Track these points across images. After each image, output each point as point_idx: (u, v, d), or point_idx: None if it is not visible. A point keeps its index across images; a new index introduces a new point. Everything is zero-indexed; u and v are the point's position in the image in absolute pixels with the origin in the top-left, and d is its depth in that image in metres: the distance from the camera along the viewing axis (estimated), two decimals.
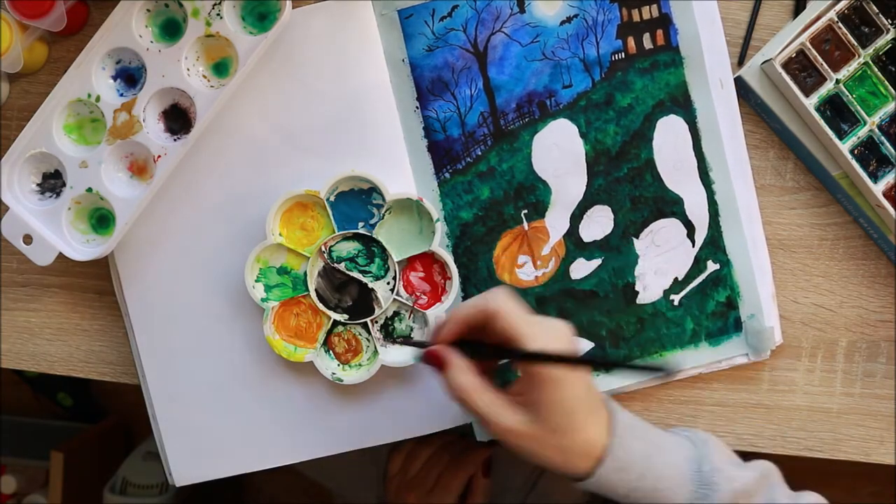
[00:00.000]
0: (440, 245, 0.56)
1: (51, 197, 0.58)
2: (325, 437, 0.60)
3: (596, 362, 0.48)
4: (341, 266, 0.57)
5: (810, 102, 0.55)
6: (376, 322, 0.58)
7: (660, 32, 0.57)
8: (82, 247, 0.57)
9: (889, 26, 0.55)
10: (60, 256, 0.56)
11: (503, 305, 0.47)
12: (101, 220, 0.58)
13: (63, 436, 1.20)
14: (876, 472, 0.65)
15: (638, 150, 0.57)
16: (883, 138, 0.56)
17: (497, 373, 0.52)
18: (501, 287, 0.51)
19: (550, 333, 0.47)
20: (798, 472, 0.54)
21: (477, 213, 0.58)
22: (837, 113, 0.56)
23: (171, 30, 0.56)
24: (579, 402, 0.47)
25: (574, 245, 0.58)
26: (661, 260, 0.58)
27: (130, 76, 0.57)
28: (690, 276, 0.58)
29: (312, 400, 0.59)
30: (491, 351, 0.49)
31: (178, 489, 1.12)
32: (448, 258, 0.56)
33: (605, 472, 0.48)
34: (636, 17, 0.56)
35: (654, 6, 0.56)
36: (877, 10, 0.55)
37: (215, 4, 0.54)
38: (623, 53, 0.57)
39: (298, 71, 0.57)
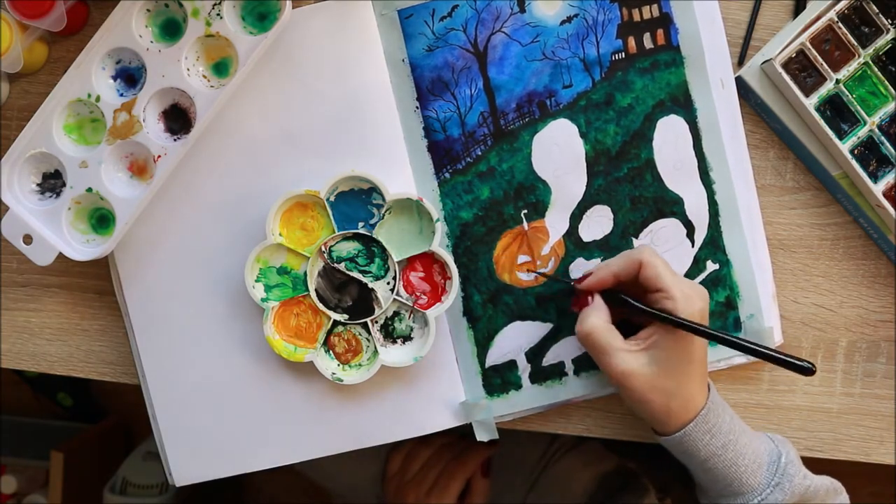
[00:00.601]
0: (440, 245, 0.56)
1: (51, 197, 0.58)
2: (325, 437, 0.60)
3: (728, 342, 0.50)
4: (341, 266, 0.57)
5: (810, 102, 0.55)
6: (376, 322, 0.58)
7: (660, 32, 0.57)
8: (82, 247, 0.57)
9: (889, 26, 0.55)
10: (60, 256, 0.56)
11: (651, 258, 0.52)
12: (101, 220, 0.58)
13: (63, 436, 1.20)
14: (876, 472, 0.65)
15: (638, 150, 0.57)
16: (883, 138, 0.56)
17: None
18: (647, 245, 0.56)
19: (691, 289, 0.51)
20: None
21: (477, 213, 0.58)
22: (837, 113, 0.56)
23: (171, 30, 0.56)
24: (700, 361, 0.52)
25: (574, 245, 0.58)
26: None
27: (130, 76, 0.57)
28: (690, 276, 0.58)
29: (312, 400, 0.59)
30: (631, 304, 0.53)
31: (178, 489, 1.12)
32: (448, 258, 0.56)
33: (695, 431, 0.52)
34: (636, 17, 0.56)
35: (655, 6, 0.56)
36: (877, 10, 0.55)
37: (215, 4, 0.54)
38: (623, 53, 0.57)
39: (298, 71, 0.57)
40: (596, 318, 0.53)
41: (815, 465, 0.55)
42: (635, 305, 0.52)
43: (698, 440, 0.52)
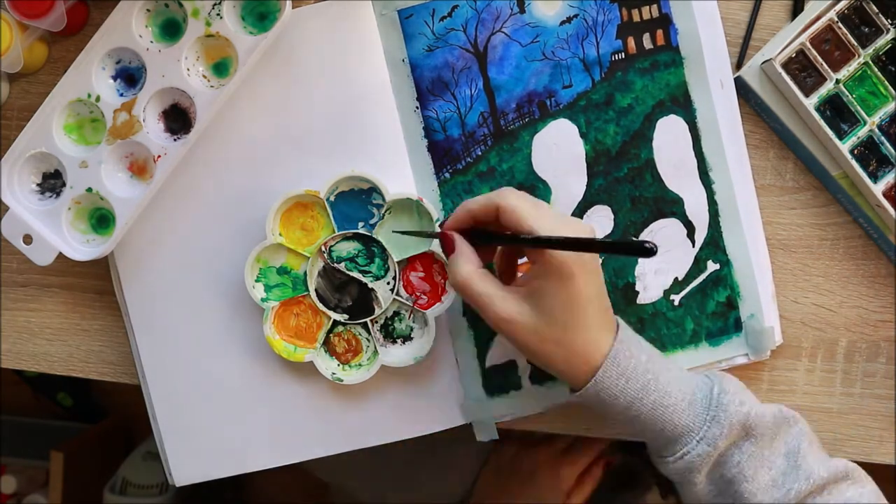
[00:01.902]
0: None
1: (51, 197, 0.58)
2: (325, 437, 0.60)
3: (596, 244, 0.45)
4: (341, 266, 0.57)
5: (810, 102, 0.55)
6: (376, 322, 0.58)
7: (660, 32, 0.57)
8: (82, 247, 0.57)
9: (889, 26, 0.55)
10: (60, 256, 0.56)
11: (510, 201, 0.46)
12: (101, 220, 0.58)
13: (63, 436, 1.20)
14: (876, 472, 0.65)
15: (638, 150, 0.57)
16: (883, 138, 0.56)
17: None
18: (508, 187, 0.51)
19: (563, 223, 0.46)
20: None
21: None
22: (837, 113, 0.56)
23: (171, 30, 0.56)
24: (589, 302, 0.46)
25: None
26: (662, 260, 0.58)
27: (130, 76, 0.57)
28: (690, 276, 0.58)
29: (312, 400, 0.59)
30: (500, 238, 0.48)
31: (178, 489, 1.12)
32: None
33: (606, 378, 0.47)
34: (636, 17, 0.56)
35: (654, 6, 0.56)
36: (877, 10, 0.55)
37: (215, 4, 0.54)
38: (623, 53, 0.57)
39: (298, 71, 0.57)
40: (465, 265, 0.47)
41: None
42: (491, 236, 0.48)
43: (612, 386, 0.47)
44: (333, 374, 0.57)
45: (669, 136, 0.57)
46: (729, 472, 0.49)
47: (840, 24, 0.55)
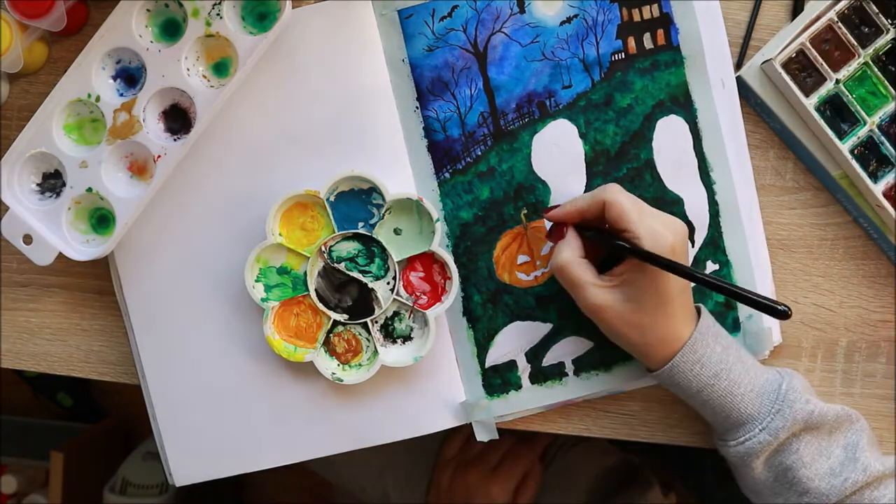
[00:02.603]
0: (440, 245, 0.56)
1: (51, 197, 0.58)
2: (325, 437, 0.60)
3: (698, 279, 0.48)
4: (341, 266, 0.57)
5: (810, 102, 0.55)
6: (376, 322, 0.58)
7: (660, 32, 0.57)
8: (82, 247, 0.57)
9: (889, 26, 0.55)
10: (60, 256, 0.56)
11: (615, 196, 0.50)
12: (101, 220, 0.58)
13: (63, 436, 1.20)
14: None
15: (637, 150, 0.57)
16: (883, 138, 0.56)
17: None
18: (614, 183, 0.53)
19: (663, 225, 0.50)
20: None
21: (477, 213, 0.58)
22: (837, 113, 0.56)
23: (171, 30, 0.56)
24: (676, 296, 0.50)
25: None
26: None
27: (130, 76, 0.57)
28: None
29: (312, 400, 0.59)
30: (604, 237, 0.52)
31: (178, 489, 1.12)
32: (448, 258, 0.56)
33: (682, 363, 0.51)
34: (636, 17, 0.56)
35: (655, 6, 0.56)
36: (877, 10, 0.55)
37: (215, 4, 0.54)
38: (623, 53, 0.57)
39: (298, 71, 0.57)
40: (568, 252, 0.52)
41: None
42: (598, 236, 0.52)
43: (687, 371, 0.51)
44: (333, 374, 0.57)
45: (669, 136, 0.57)
46: (787, 459, 0.52)
47: (840, 24, 0.55)
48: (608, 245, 0.51)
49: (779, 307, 0.45)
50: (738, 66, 0.58)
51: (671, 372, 0.51)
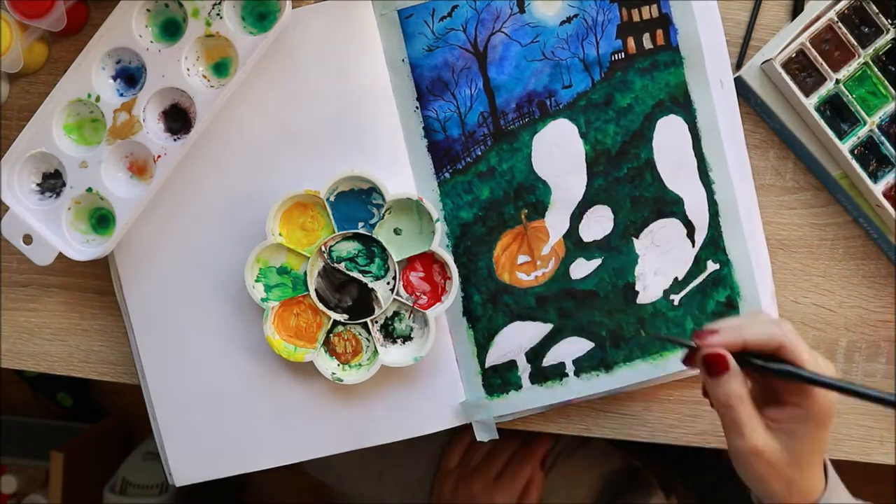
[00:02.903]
0: (440, 245, 0.56)
1: (51, 197, 0.58)
2: (325, 437, 0.60)
3: (883, 401, 0.45)
4: (341, 266, 0.57)
5: (810, 102, 0.55)
6: (376, 322, 0.58)
7: (660, 32, 0.57)
8: (82, 247, 0.57)
9: (889, 26, 0.55)
10: (60, 256, 0.56)
11: (793, 340, 0.46)
12: (101, 220, 0.58)
13: (63, 436, 1.20)
14: (876, 472, 0.65)
15: (638, 150, 0.57)
16: (883, 138, 0.56)
17: None
18: (786, 321, 0.50)
19: (830, 372, 0.47)
20: None
21: (477, 213, 0.58)
22: (837, 113, 0.56)
23: (171, 30, 0.56)
24: (825, 449, 0.48)
25: (574, 245, 0.58)
26: (661, 260, 0.58)
27: (130, 76, 0.57)
28: (690, 276, 0.58)
29: (312, 400, 0.59)
30: (773, 369, 0.47)
31: (178, 489, 1.12)
32: (448, 258, 0.56)
33: None
34: (636, 17, 0.56)
35: (654, 6, 0.56)
36: (877, 10, 0.55)
37: (215, 4, 0.54)
38: (623, 53, 0.57)
39: (298, 71, 0.57)
40: (735, 385, 0.47)
41: None
42: (790, 373, 0.46)
43: None
44: (333, 373, 0.57)
45: (669, 136, 0.57)
46: None
47: (840, 24, 0.55)
48: (793, 378, 0.47)
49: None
50: (738, 66, 0.58)
51: None
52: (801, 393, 0.47)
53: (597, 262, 0.58)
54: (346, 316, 0.57)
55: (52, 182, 0.58)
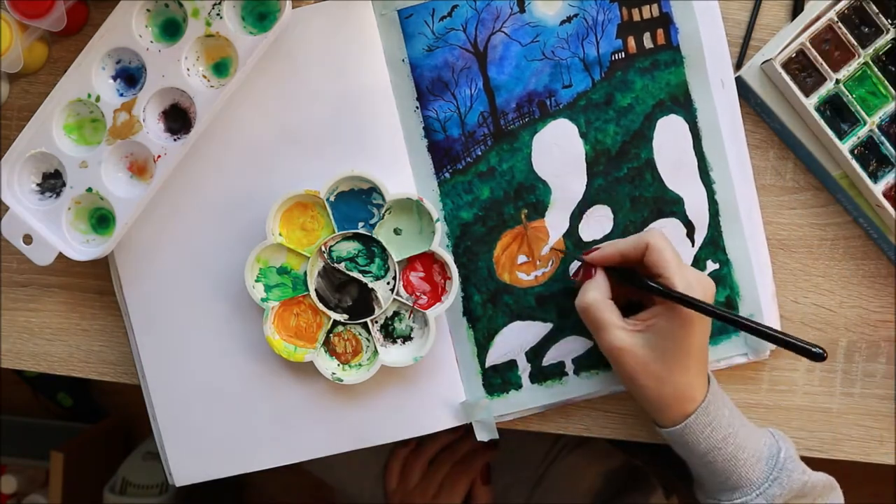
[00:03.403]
0: (440, 245, 0.56)
1: (51, 197, 0.58)
2: (325, 437, 0.60)
3: (731, 320, 0.49)
4: (341, 266, 0.57)
5: (810, 102, 0.55)
6: (376, 322, 0.58)
7: (660, 32, 0.57)
8: (82, 247, 0.57)
9: (889, 26, 0.55)
10: (60, 256, 0.56)
11: (658, 242, 0.51)
12: (101, 220, 0.58)
13: (63, 436, 1.20)
14: (876, 472, 0.65)
15: (638, 149, 0.57)
16: (883, 138, 0.56)
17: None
18: (658, 230, 0.55)
19: (696, 279, 0.51)
20: None
21: (477, 212, 0.58)
22: (837, 113, 0.56)
23: (171, 30, 0.56)
24: (698, 350, 0.51)
25: (574, 245, 0.58)
26: None
27: (130, 76, 0.57)
28: None
29: (312, 400, 0.59)
30: (638, 280, 0.52)
31: (178, 489, 1.12)
32: (448, 258, 0.56)
33: (696, 424, 0.52)
34: (636, 17, 0.56)
35: (655, 5, 0.56)
36: (877, 10, 0.55)
37: (215, 4, 0.54)
38: (623, 53, 0.57)
39: (298, 71, 0.57)
40: (596, 292, 0.53)
41: (816, 465, 0.55)
42: (640, 281, 0.52)
43: (699, 433, 0.52)
44: (333, 373, 0.57)
45: (669, 136, 0.57)
46: None
47: (840, 24, 0.55)
48: (643, 287, 0.52)
49: (813, 349, 0.47)
50: (738, 66, 0.58)
51: (683, 432, 0.52)
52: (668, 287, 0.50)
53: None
54: (346, 316, 0.57)
55: (52, 182, 0.58)
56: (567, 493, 0.81)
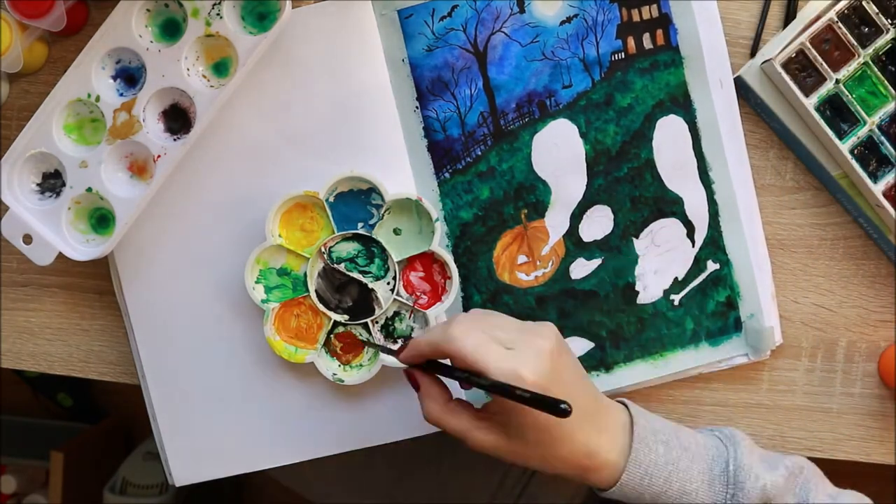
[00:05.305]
0: (440, 245, 0.56)
1: (51, 197, 0.58)
2: (325, 438, 0.60)
3: (542, 403, 0.42)
4: (341, 267, 0.57)
5: (810, 102, 0.55)
6: (377, 322, 0.58)
7: (659, 32, 0.57)
8: (82, 247, 0.57)
9: (889, 26, 0.55)
10: (60, 256, 0.56)
11: (457, 347, 0.45)
12: (101, 220, 0.58)
13: (63, 436, 1.20)
14: (876, 472, 0.65)
15: (638, 149, 0.57)
16: (883, 138, 0.56)
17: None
18: (461, 318, 0.48)
19: (513, 362, 0.45)
20: None
21: (477, 212, 0.58)
22: (837, 113, 0.56)
23: (171, 30, 0.56)
24: (557, 425, 0.46)
25: (574, 245, 0.58)
26: (661, 260, 0.58)
27: (130, 76, 0.57)
28: (690, 275, 0.58)
29: (313, 400, 0.59)
30: (458, 375, 0.47)
31: (178, 489, 1.12)
32: (448, 258, 0.56)
33: (630, 481, 0.47)
34: (636, 17, 0.56)
35: (654, 6, 0.56)
36: (877, 10, 0.55)
37: (215, 4, 0.54)
38: (623, 53, 0.57)
39: (298, 71, 0.57)
40: (433, 405, 0.48)
41: (815, 465, 0.55)
42: (457, 376, 0.47)
43: (637, 486, 0.48)
44: (334, 374, 0.57)
45: (669, 136, 0.57)
46: None
47: (840, 24, 0.55)
48: (464, 380, 0.47)
49: (561, 405, 0.41)
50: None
51: (622, 491, 0.48)
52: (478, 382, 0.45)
53: (597, 262, 0.58)
54: (346, 316, 0.57)
55: (52, 182, 0.58)
56: (554, 497, 0.80)
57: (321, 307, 0.57)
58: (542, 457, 0.47)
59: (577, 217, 0.58)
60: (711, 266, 0.58)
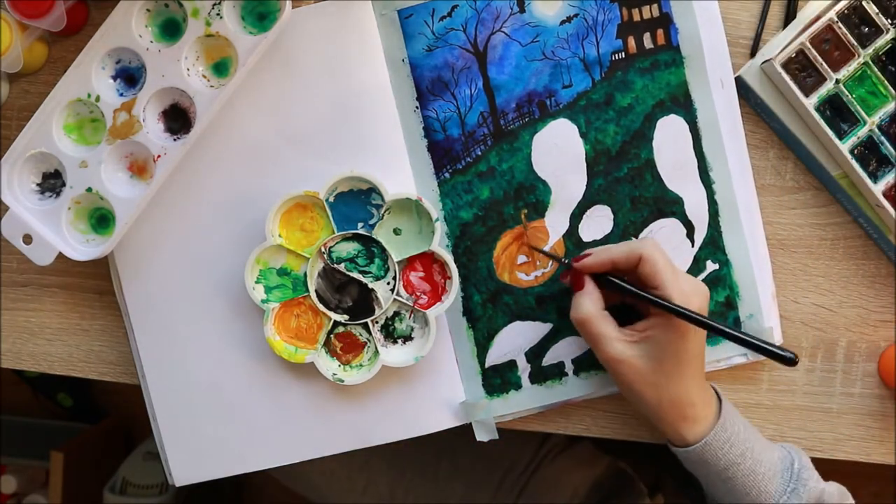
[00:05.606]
0: (440, 245, 0.56)
1: (51, 197, 0.58)
2: (325, 438, 0.60)
3: (716, 329, 0.50)
4: (341, 267, 0.57)
5: (810, 102, 0.55)
6: (377, 322, 0.58)
7: (660, 32, 0.57)
8: (82, 247, 0.57)
9: (889, 26, 0.55)
10: (60, 256, 0.56)
11: (651, 253, 0.51)
12: (101, 220, 0.58)
13: (63, 436, 1.20)
14: (876, 472, 0.65)
15: (638, 149, 0.57)
16: (883, 138, 0.56)
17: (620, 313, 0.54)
18: (651, 238, 0.56)
19: (691, 288, 0.51)
20: None
21: (477, 212, 0.58)
22: (837, 113, 0.56)
23: (171, 30, 0.56)
24: (694, 357, 0.52)
25: (574, 245, 0.58)
26: None
27: (130, 76, 0.57)
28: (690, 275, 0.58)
29: (313, 400, 0.59)
30: (628, 289, 0.52)
31: (178, 489, 1.12)
32: (448, 258, 0.56)
33: (715, 441, 0.52)
34: (636, 17, 0.56)
35: (655, 6, 0.56)
36: (876, 10, 0.55)
37: (215, 4, 0.54)
38: (623, 53, 0.57)
39: (298, 71, 0.57)
40: (590, 305, 0.53)
41: (815, 464, 0.55)
42: (631, 291, 0.52)
43: (718, 449, 0.52)
44: (334, 374, 0.57)
45: (669, 136, 0.57)
46: None
47: (840, 24, 0.55)
48: (639, 298, 0.52)
49: (785, 354, 0.48)
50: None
51: (703, 449, 0.52)
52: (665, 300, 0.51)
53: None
54: (346, 316, 0.57)
55: (52, 182, 0.58)
56: (552, 498, 0.80)
57: (321, 307, 0.57)
58: (661, 388, 0.51)
59: (576, 217, 0.58)
60: (711, 266, 0.58)
